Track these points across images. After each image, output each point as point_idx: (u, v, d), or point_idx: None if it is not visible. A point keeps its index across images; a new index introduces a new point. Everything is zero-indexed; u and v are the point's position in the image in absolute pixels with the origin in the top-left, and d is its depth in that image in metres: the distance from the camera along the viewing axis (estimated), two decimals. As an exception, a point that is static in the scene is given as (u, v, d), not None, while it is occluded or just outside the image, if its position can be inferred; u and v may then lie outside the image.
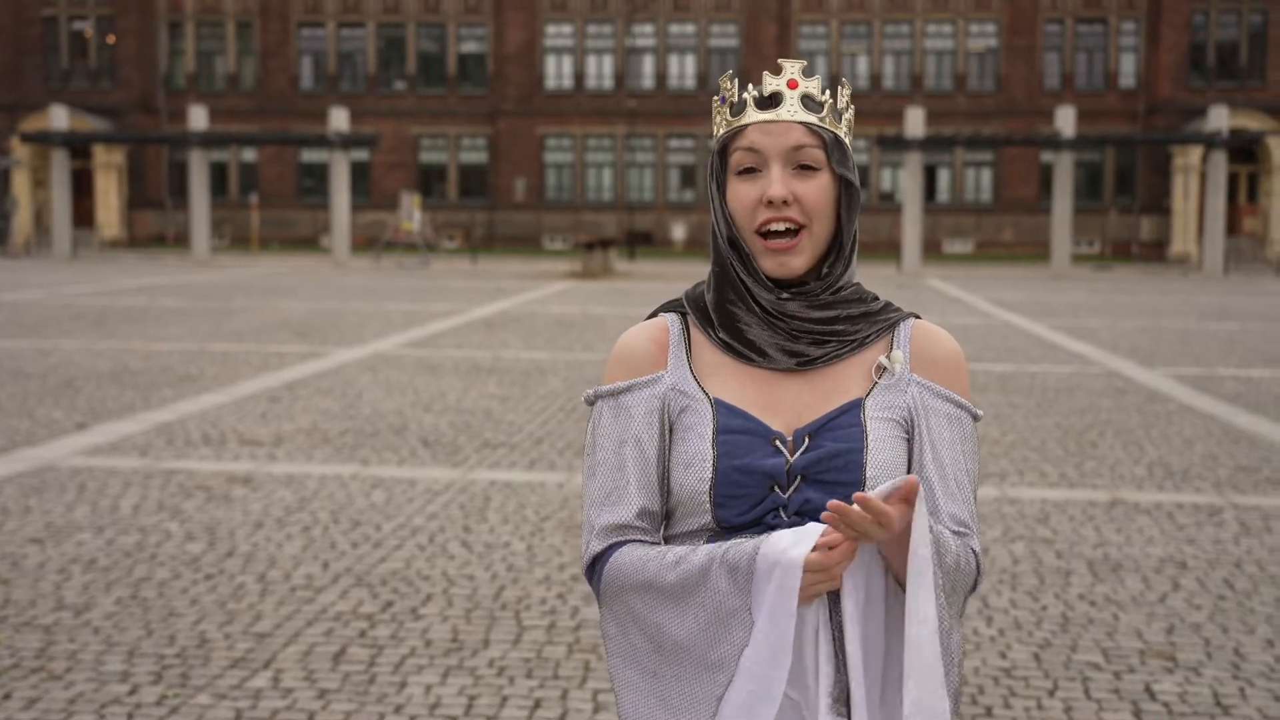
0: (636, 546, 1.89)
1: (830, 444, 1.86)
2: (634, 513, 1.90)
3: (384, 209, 49.12)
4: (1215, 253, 38.69)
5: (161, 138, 46.50)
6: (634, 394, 1.94)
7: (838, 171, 1.91)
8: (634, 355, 1.97)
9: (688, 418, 1.91)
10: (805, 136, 1.89)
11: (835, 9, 50.45)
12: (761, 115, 1.91)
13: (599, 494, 1.93)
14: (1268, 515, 7.66)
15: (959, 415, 1.93)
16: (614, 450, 1.93)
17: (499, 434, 10.07)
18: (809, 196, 1.89)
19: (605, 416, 1.95)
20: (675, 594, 1.83)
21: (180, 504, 7.61)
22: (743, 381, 1.92)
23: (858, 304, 1.95)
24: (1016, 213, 49.95)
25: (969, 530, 1.89)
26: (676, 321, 2.00)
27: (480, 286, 28.92)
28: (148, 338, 16.86)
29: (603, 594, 1.91)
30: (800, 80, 1.92)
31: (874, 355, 1.94)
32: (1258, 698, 4.79)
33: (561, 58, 51.68)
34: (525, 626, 5.50)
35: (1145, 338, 18.61)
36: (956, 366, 1.96)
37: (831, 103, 1.93)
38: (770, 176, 1.89)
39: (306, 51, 52.68)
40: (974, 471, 1.94)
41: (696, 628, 1.81)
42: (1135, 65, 49.64)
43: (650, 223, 51.16)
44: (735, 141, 1.93)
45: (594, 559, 1.92)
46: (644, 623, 1.86)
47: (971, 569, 1.88)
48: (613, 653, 1.90)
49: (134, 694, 4.70)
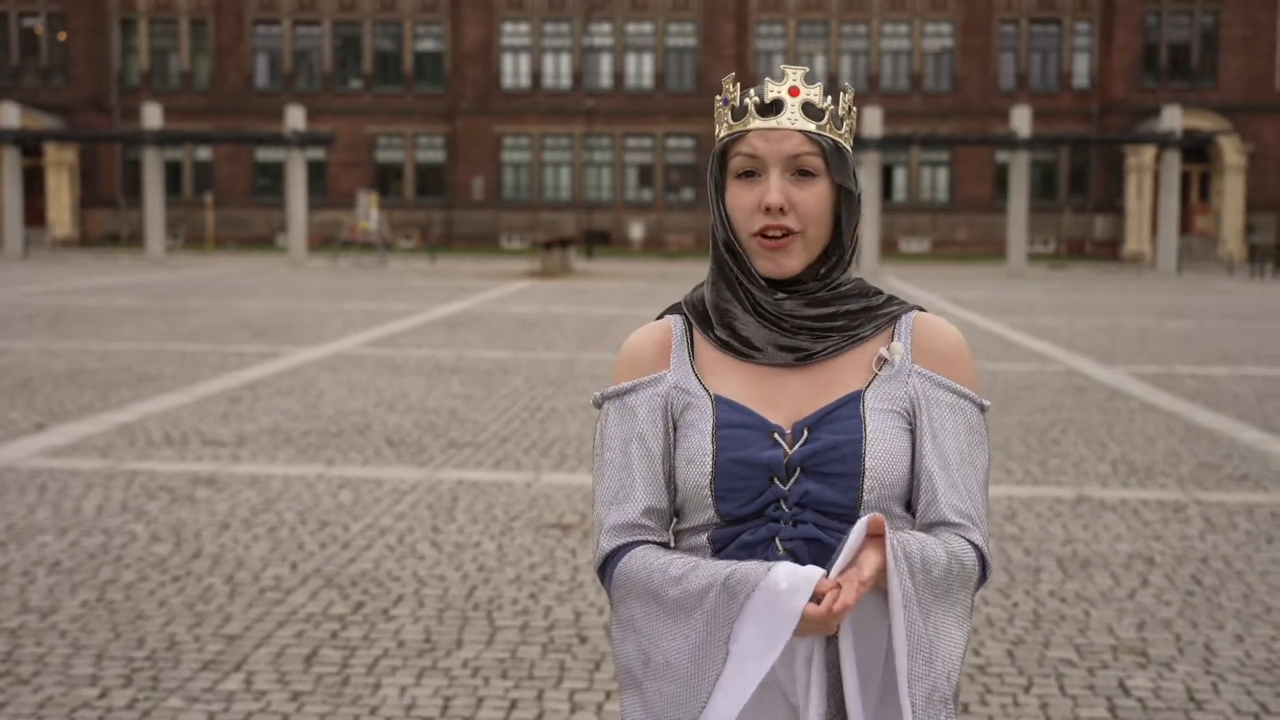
0: (647, 551, 1.89)
1: (828, 436, 1.87)
2: (640, 511, 1.92)
3: (340, 208, 48.85)
4: (1169, 252, 39.06)
5: (115, 136, 46.09)
6: (638, 393, 1.96)
7: (836, 179, 1.91)
8: (638, 356, 1.99)
9: (690, 415, 1.92)
10: (804, 144, 1.90)
11: (792, 9, 50.59)
12: (762, 122, 1.91)
13: (607, 494, 1.95)
14: (1231, 511, 7.73)
15: (962, 405, 1.93)
16: (620, 450, 1.95)
17: (464, 433, 10.02)
18: (805, 203, 1.90)
19: (612, 417, 1.98)
20: (674, 611, 1.83)
21: (144, 505, 7.53)
22: (744, 378, 1.93)
23: (858, 299, 1.96)
24: (972, 212, 50.26)
25: (971, 523, 1.88)
26: (680, 322, 2.02)
27: (439, 286, 28.81)
28: (104, 338, 16.69)
29: (612, 595, 1.93)
30: (802, 87, 1.92)
31: (874, 348, 1.94)
32: (1230, 693, 4.82)
33: (519, 57, 51.57)
34: (498, 627, 5.47)
35: (1103, 336, 18.76)
36: (960, 357, 1.96)
37: (833, 109, 1.93)
38: (768, 183, 1.90)
39: (262, 49, 52.34)
40: (982, 463, 1.93)
41: (687, 647, 1.82)
42: (1089, 66, 50.06)
43: (608, 222, 51.13)
44: (736, 145, 1.93)
45: (605, 559, 1.93)
46: (640, 633, 1.87)
47: (972, 566, 1.87)
48: (614, 653, 1.92)
49: (104, 697, 4.64)
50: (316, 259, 41.23)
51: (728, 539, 1.89)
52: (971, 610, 1.89)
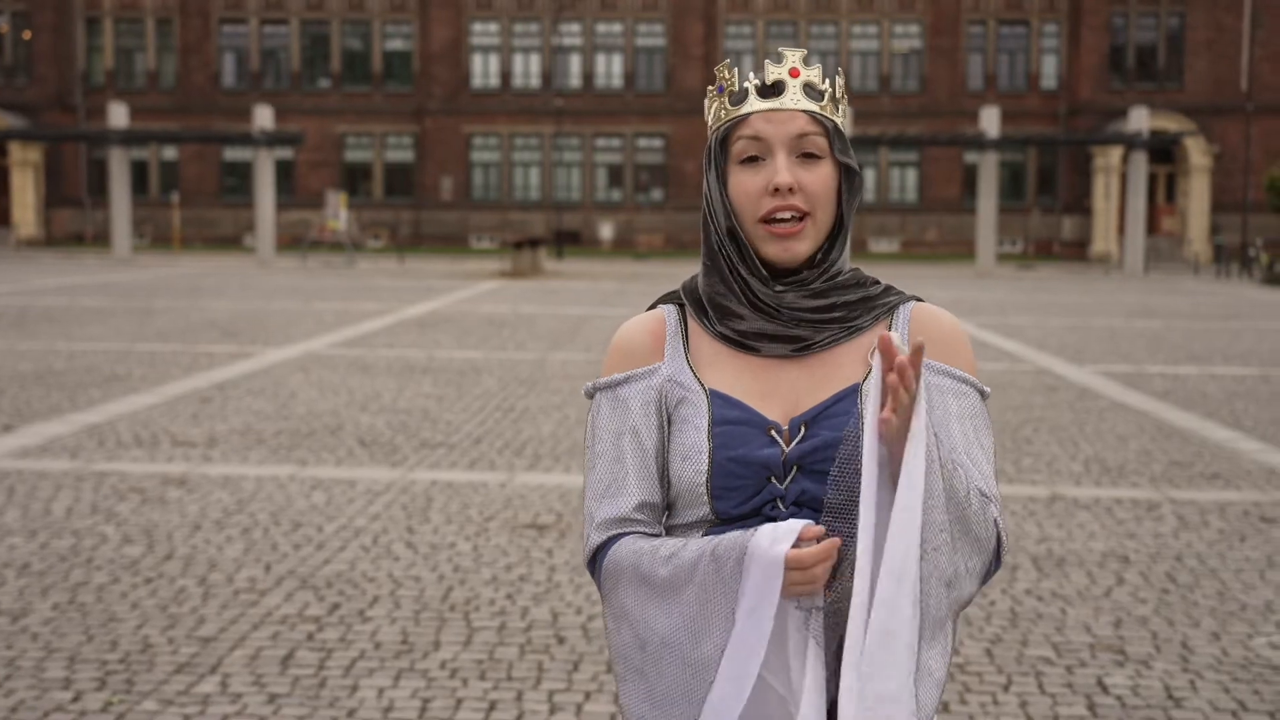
0: (635, 539, 1.87)
1: (827, 433, 1.84)
2: (633, 505, 1.89)
3: (308, 208, 48.63)
4: (1136, 252, 39.30)
5: (80, 135, 45.74)
6: (631, 385, 1.93)
7: (840, 159, 1.90)
8: (631, 347, 1.96)
9: (684, 409, 1.89)
10: (809, 124, 1.88)
11: (761, 9, 50.66)
12: (765, 104, 1.89)
13: (598, 486, 1.91)
14: (1204, 510, 7.76)
15: (963, 390, 1.91)
16: (612, 442, 1.91)
17: (437, 434, 9.97)
18: (813, 184, 1.88)
19: (604, 409, 1.94)
20: (665, 589, 1.81)
21: (114, 506, 7.46)
22: (739, 371, 1.90)
23: (856, 289, 1.94)
24: (941, 212, 50.44)
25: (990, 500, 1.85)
26: (674, 313, 1.98)
27: (409, 286, 28.70)
28: (71, 338, 16.55)
29: (602, 588, 1.90)
30: (802, 68, 1.91)
31: (871, 339, 1.92)
32: (1208, 690, 4.83)
33: (488, 56, 51.45)
34: (475, 628, 5.44)
35: (1073, 335, 18.85)
36: (958, 344, 1.95)
37: (831, 91, 1.92)
38: (775, 164, 1.88)
39: (228, 48, 52.06)
40: (989, 446, 1.91)
41: (682, 623, 1.79)
42: (1056, 67, 50.31)
43: (578, 222, 51.07)
44: (737, 130, 1.90)
45: (594, 551, 1.90)
46: (633, 619, 1.84)
47: (990, 528, 1.81)
48: (610, 647, 1.90)
49: (77, 701, 4.58)
50: (285, 259, 41.02)
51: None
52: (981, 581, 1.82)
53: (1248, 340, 18.63)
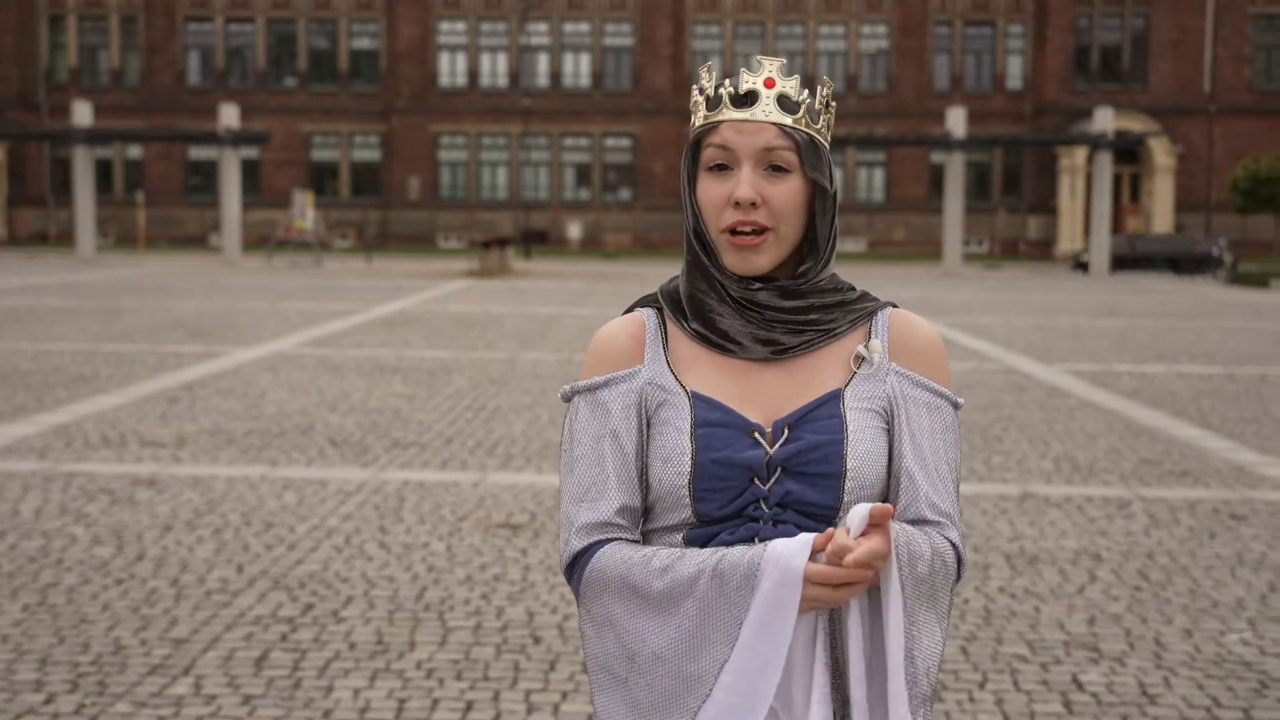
0: (621, 546, 1.85)
1: (810, 436, 1.84)
2: (614, 509, 1.86)
3: (275, 207, 48.41)
4: (1101, 252, 39.53)
5: (43, 134, 45.38)
6: (611, 389, 1.91)
7: (810, 175, 1.87)
8: (611, 350, 1.94)
9: (665, 412, 1.87)
10: (778, 138, 1.85)
11: (729, 9, 50.73)
12: (736, 114, 1.86)
13: (578, 490, 1.89)
14: (1174, 507, 7.81)
15: (939, 404, 1.91)
16: (592, 446, 1.89)
17: (408, 433, 9.93)
18: (777, 199, 1.85)
19: (582, 412, 1.92)
20: (660, 603, 1.79)
21: (83, 507, 7.39)
22: (719, 373, 1.89)
23: (832, 293, 1.93)
24: (908, 212, 50.64)
25: (949, 521, 1.87)
26: (653, 316, 1.97)
27: (377, 285, 28.60)
28: (36, 338, 16.41)
29: (582, 595, 1.87)
30: (778, 79, 1.87)
31: (851, 345, 1.92)
32: (1182, 686, 4.86)
33: (455, 55, 51.35)
34: (450, 628, 5.41)
35: (1040, 335, 18.94)
36: (936, 355, 1.94)
37: (809, 102, 1.88)
38: (739, 177, 1.85)
39: (194, 47, 51.79)
40: (955, 460, 1.92)
41: (677, 638, 1.78)
42: (1022, 68, 50.59)
43: (545, 221, 51.02)
44: (709, 137, 1.88)
45: (574, 558, 1.87)
46: (621, 629, 1.82)
47: (951, 564, 1.86)
48: (588, 654, 1.87)
49: (50, 703, 4.54)
50: (251, 258, 40.81)
51: (703, 539, 1.84)
52: (950, 609, 1.88)
53: (1213, 339, 18.77)
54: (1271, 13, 49.47)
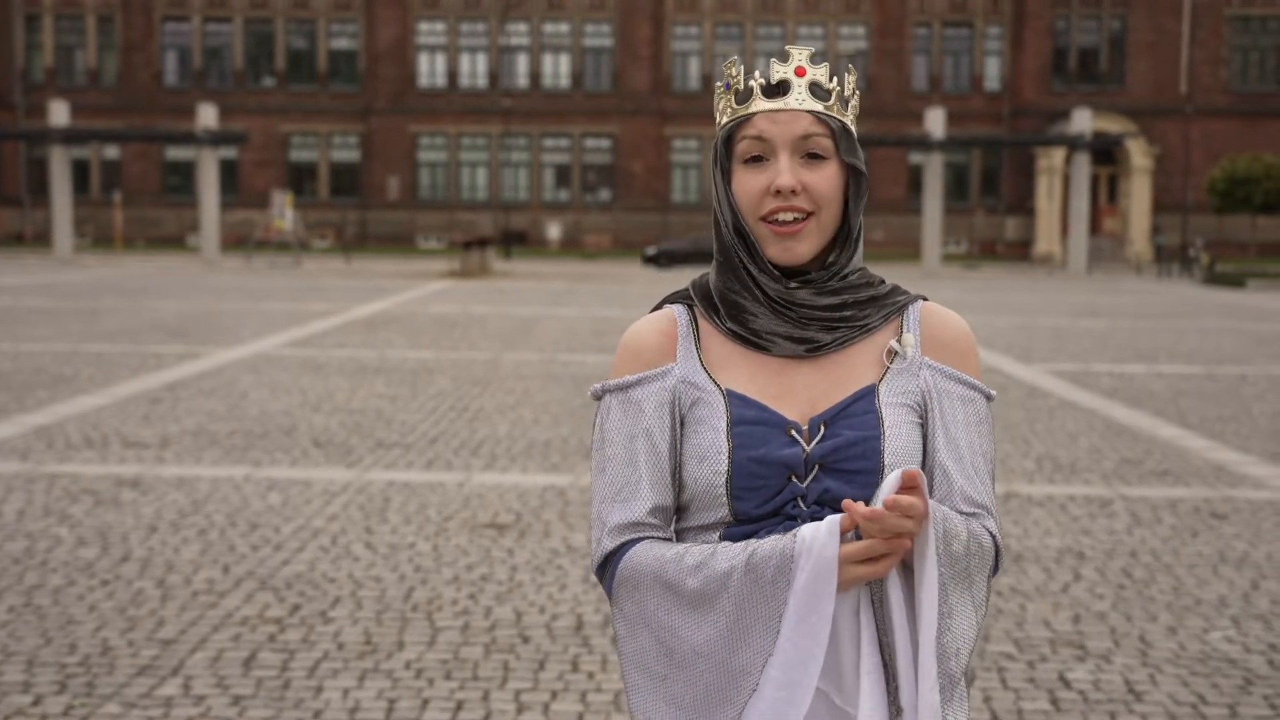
0: (653, 545, 1.85)
1: (847, 432, 1.83)
2: (647, 509, 1.86)
3: (253, 207, 48.26)
4: (1079, 252, 39.72)
5: (19, 134, 45.16)
6: (644, 387, 1.90)
7: (846, 160, 1.89)
8: (642, 348, 1.93)
9: (700, 410, 1.87)
10: (813, 125, 1.87)
11: (708, 10, 50.78)
12: (769, 104, 1.87)
13: (610, 490, 1.88)
14: (1156, 506, 7.86)
15: (972, 396, 1.91)
16: (625, 445, 1.88)
17: (392, 434, 9.92)
18: (817, 185, 1.86)
19: (614, 411, 1.90)
20: (697, 600, 1.79)
21: (67, 508, 7.37)
22: (753, 371, 1.89)
23: (865, 289, 1.93)
24: (887, 213, 50.75)
25: (986, 513, 1.87)
26: (684, 313, 1.96)
27: (358, 286, 28.55)
28: (15, 338, 16.33)
29: (615, 594, 1.86)
30: (808, 67, 1.88)
31: (884, 339, 1.92)
32: (1168, 684, 4.89)
33: (434, 55, 51.28)
34: (439, 628, 5.41)
35: (1020, 335, 19.02)
36: (967, 347, 1.94)
37: (839, 90, 1.90)
38: (778, 165, 1.86)
39: (171, 46, 51.58)
40: (990, 453, 1.92)
41: (716, 634, 1.78)
42: (1000, 69, 50.77)
43: (525, 222, 50.99)
44: (742, 130, 1.88)
45: (606, 557, 1.87)
46: (657, 626, 1.81)
47: (988, 549, 1.85)
48: (622, 653, 1.86)
49: (38, 704, 4.52)
50: (230, 259, 40.68)
51: (741, 538, 1.83)
52: (986, 603, 1.86)
53: (1191, 339, 18.88)
54: (1248, 15, 49.76)
